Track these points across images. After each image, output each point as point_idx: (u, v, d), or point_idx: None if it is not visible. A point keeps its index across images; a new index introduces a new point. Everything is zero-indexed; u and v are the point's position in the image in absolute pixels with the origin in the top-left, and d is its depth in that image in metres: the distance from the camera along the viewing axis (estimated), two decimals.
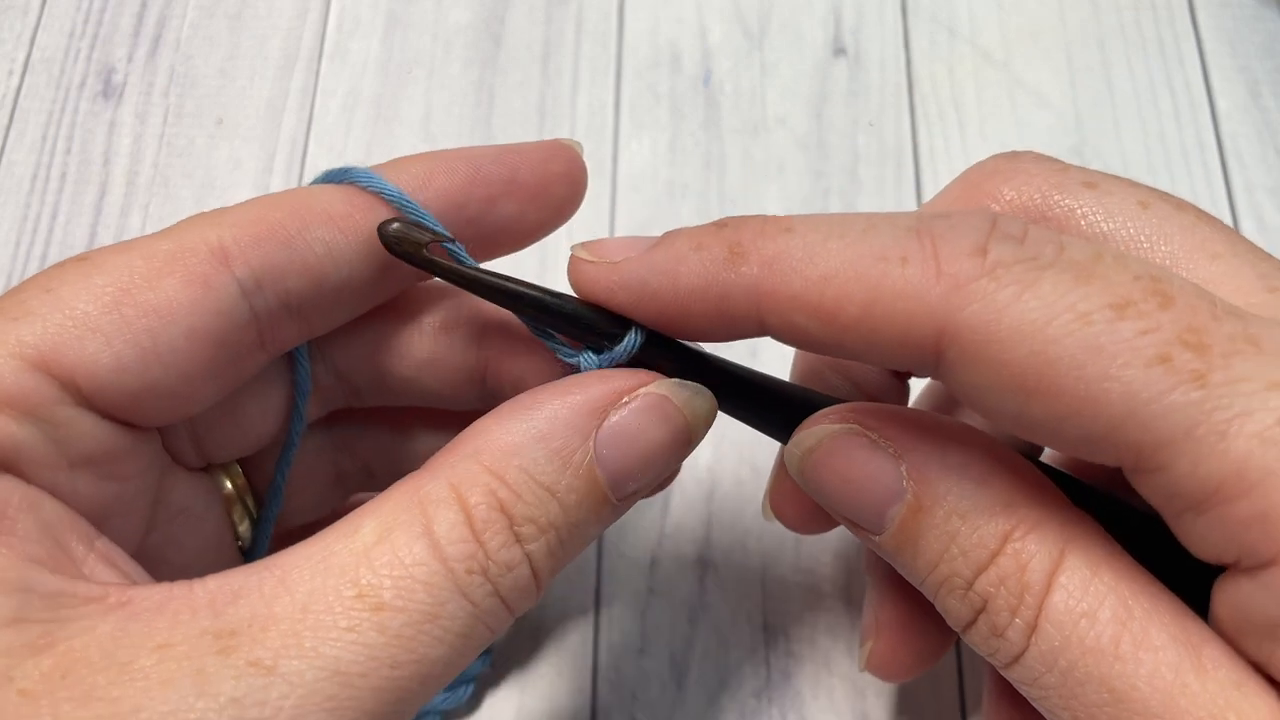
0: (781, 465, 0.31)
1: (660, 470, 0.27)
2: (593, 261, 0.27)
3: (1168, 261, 0.26)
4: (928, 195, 0.45)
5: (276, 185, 0.46)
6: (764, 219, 0.25)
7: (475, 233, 0.29)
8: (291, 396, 0.31)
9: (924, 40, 0.49)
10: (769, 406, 0.28)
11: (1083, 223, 0.27)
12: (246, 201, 0.28)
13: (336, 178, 0.29)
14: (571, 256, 0.27)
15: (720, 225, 0.26)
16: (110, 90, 0.48)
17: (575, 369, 0.28)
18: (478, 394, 0.31)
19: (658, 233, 0.46)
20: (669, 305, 0.26)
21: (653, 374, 0.27)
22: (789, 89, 0.48)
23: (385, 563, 0.23)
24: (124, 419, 0.26)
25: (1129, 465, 0.22)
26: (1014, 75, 0.48)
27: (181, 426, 0.30)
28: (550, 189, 0.30)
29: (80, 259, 0.26)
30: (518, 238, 0.31)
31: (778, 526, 0.39)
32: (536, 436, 0.25)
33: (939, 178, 0.46)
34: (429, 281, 0.31)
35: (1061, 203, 0.27)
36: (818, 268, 0.24)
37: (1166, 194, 0.27)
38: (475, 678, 0.37)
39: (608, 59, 0.48)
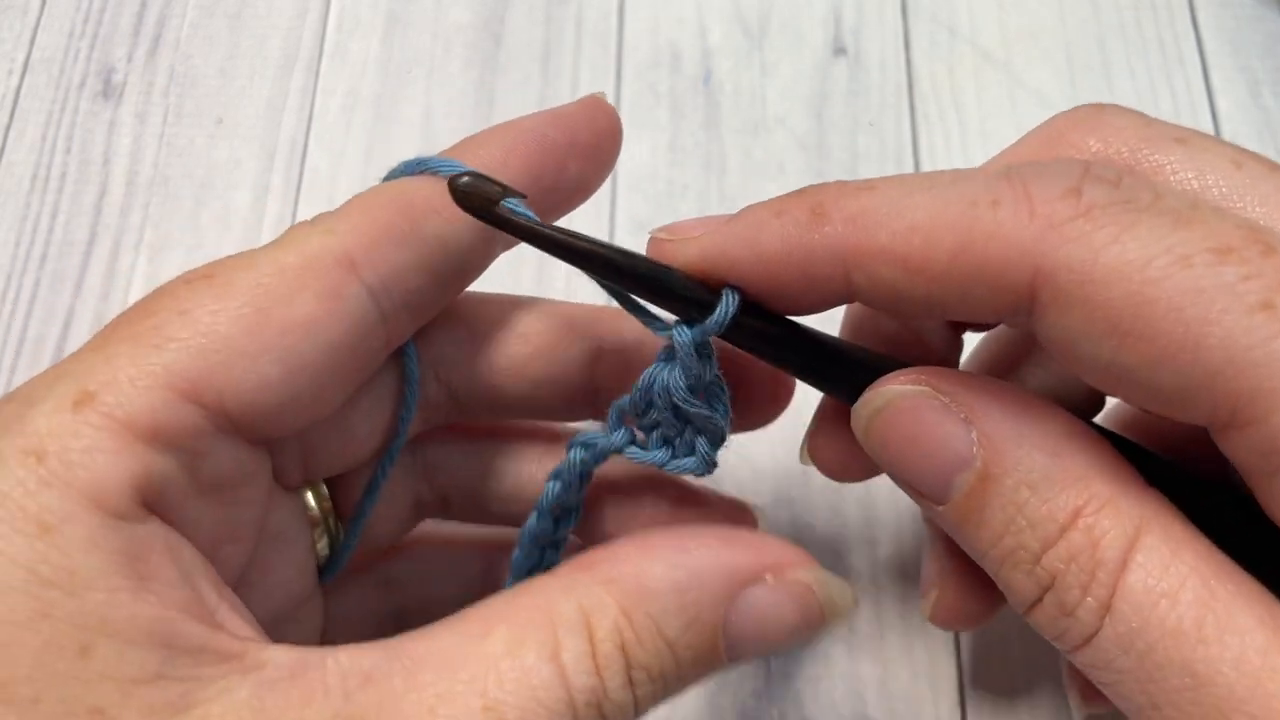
0: (823, 409, 0.30)
1: (778, 650, 0.26)
2: (671, 240, 0.26)
3: (1262, 222, 0.25)
4: None
5: (276, 185, 0.46)
6: (844, 181, 0.25)
7: (549, 201, 0.30)
8: (397, 407, 0.31)
9: (924, 40, 0.49)
10: (849, 370, 0.27)
11: (1173, 178, 0.26)
12: (348, 205, 0.28)
13: (414, 168, 0.29)
14: (650, 239, 0.27)
15: (800, 191, 0.25)
16: (110, 90, 0.48)
17: (669, 345, 0.27)
18: (588, 410, 0.32)
19: None
20: (752, 274, 0.25)
21: (804, 555, 0.26)
22: (789, 89, 0.48)
23: (513, 679, 0.22)
24: (261, 434, 0.26)
25: (1221, 420, 0.21)
26: (1014, 75, 0.48)
27: (294, 441, 0.29)
28: (604, 145, 0.31)
29: (207, 277, 0.26)
30: (577, 196, 0.31)
31: (775, 526, 0.39)
32: (672, 587, 0.24)
33: None
34: (544, 302, 0.32)
35: (1151, 157, 0.26)
36: (904, 219, 0.23)
37: (1259, 155, 0.26)
38: None
39: (608, 59, 0.48)
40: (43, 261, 0.45)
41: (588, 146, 0.31)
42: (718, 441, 0.29)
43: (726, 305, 0.26)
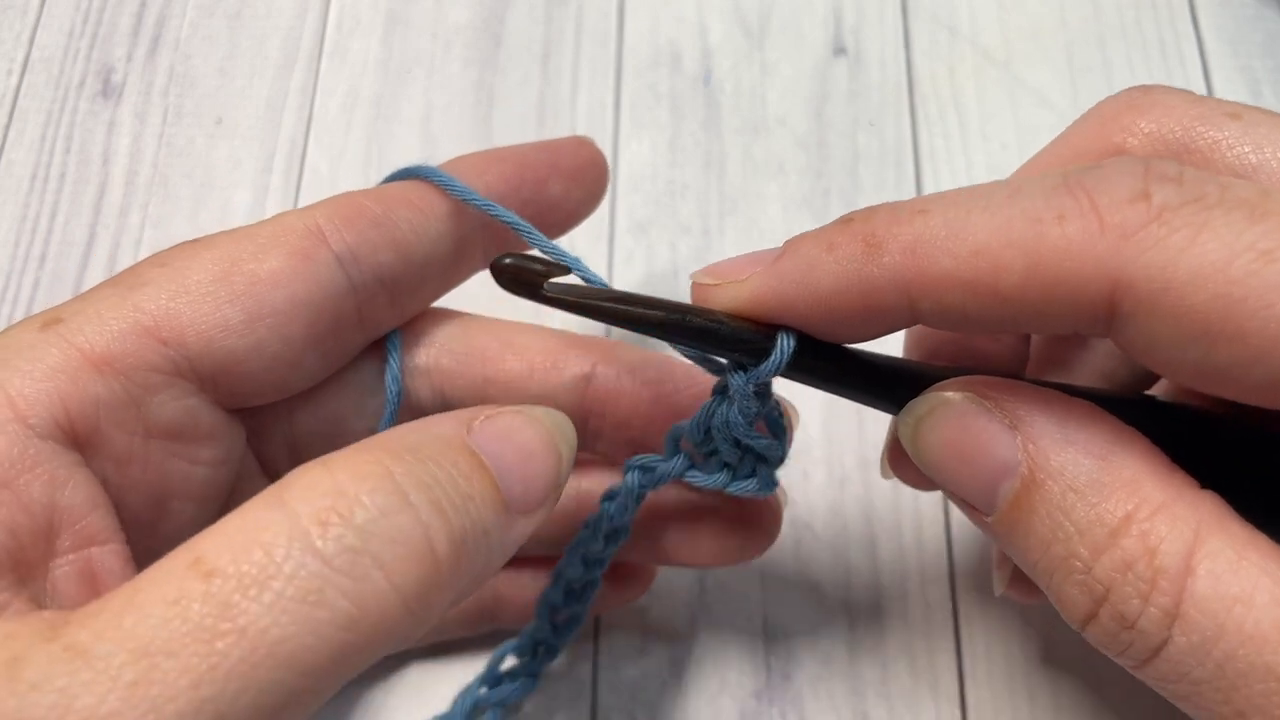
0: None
1: (543, 476, 0.25)
2: (717, 284, 0.26)
3: None
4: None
5: (276, 185, 0.46)
6: (892, 205, 0.24)
7: (530, 212, 0.32)
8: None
9: (924, 40, 0.48)
10: (905, 390, 0.26)
11: (1230, 154, 0.25)
12: (334, 196, 0.30)
13: (403, 176, 0.32)
14: (694, 284, 0.26)
15: (846, 221, 0.24)
16: (109, 90, 0.48)
17: (723, 382, 0.27)
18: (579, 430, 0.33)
19: (658, 232, 0.46)
20: (810, 312, 0.25)
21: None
22: (789, 89, 0.48)
23: (229, 529, 0.21)
24: (228, 389, 0.28)
25: None
26: (1014, 75, 0.48)
27: (279, 430, 0.31)
28: (586, 172, 0.34)
29: (193, 241, 0.29)
30: (565, 217, 0.34)
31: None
32: (409, 430, 0.24)
33: (939, 177, 0.46)
34: (543, 327, 0.33)
35: (1206, 134, 0.26)
36: (966, 243, 0.22)
37: None
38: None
39: (608, 59, 0.48)
40: (42, 261, 0.45)
41: (569, 169, 0.33)
42: (777, 464, 0.29)
43: (782, 350, 0.25)
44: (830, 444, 0.41)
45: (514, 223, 0.30)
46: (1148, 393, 0.30)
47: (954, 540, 0.39)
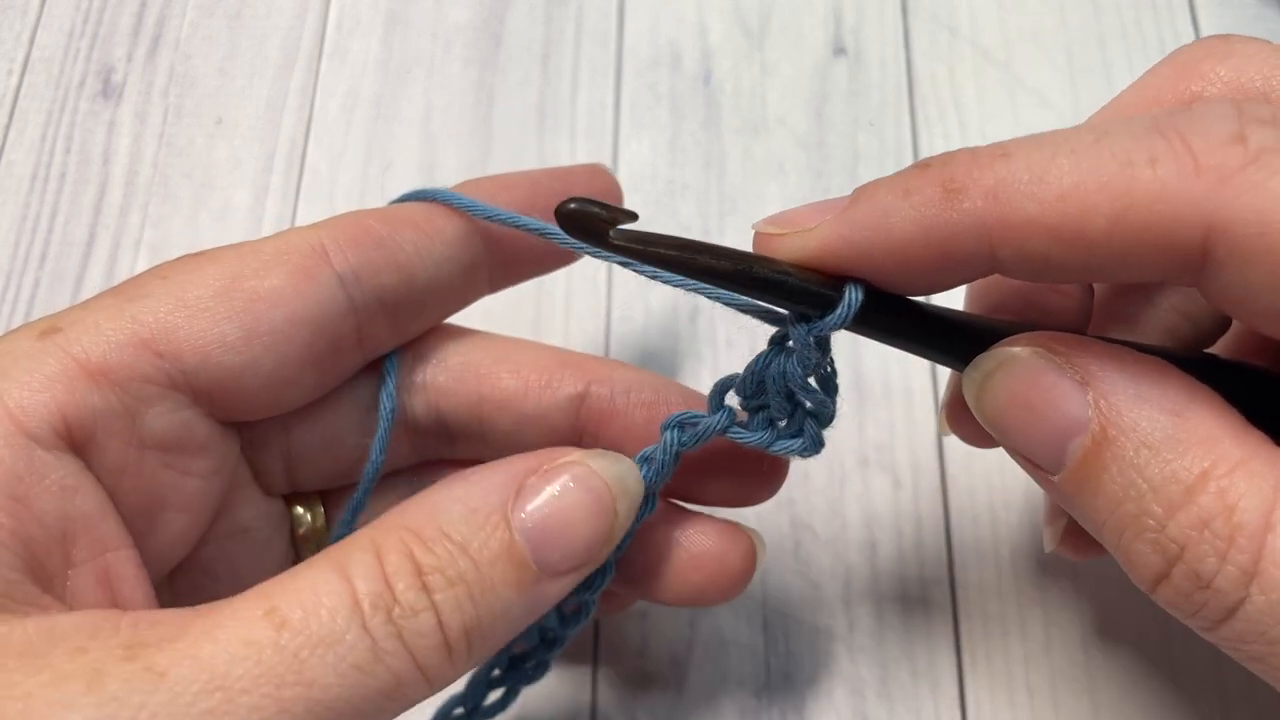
0: (957, 379, 0.29)
1: (585, 541, 0.26)
2: (783, 234, 0.25)
3: None
4: None
5: (276, 185, 0.46)
6: (971, 150, 0.23)
7: (540, 240, 0.31)
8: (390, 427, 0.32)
9: (924, 40, 0.48)
10: (970, 344, 0.26)
11: None
12: (340, 215, 0.30)
13: (414, 198, 0.32)
14: (756, 235, 0.25)
15: (923, 166, 0.24)
16: (110, 90, 0.48)
17: (781, 333, 0.27)
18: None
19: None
20: (885, 261, 0.24)
21: (572, 448, 0.27)
22: (789, 89, 0.48)
23: (298, 587, 0.23)
24: (223, 404, 0.28)
25: None
26: (1014, 75, 0.48)
27: (275, 443, 0.31)
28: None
29: (196, 254, 0.29)
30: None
31: (775, 526, 0.39)
32: (455, 499, 0.25)
33: None
34: (539, 343, 0.33)
35: None
36: (1051, 187, 0.22)
37: None
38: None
39: (608, 59, 0.48)
40: (42, 261, 0.45)
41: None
42: (826, 423, 0.29)
43: (850, 302, 0.25)
44: (830, 444, 0.41)
45: (540, 228, 0.30)
46: (1207, 351, 0.30)
47: (954, 540, 0.39)
